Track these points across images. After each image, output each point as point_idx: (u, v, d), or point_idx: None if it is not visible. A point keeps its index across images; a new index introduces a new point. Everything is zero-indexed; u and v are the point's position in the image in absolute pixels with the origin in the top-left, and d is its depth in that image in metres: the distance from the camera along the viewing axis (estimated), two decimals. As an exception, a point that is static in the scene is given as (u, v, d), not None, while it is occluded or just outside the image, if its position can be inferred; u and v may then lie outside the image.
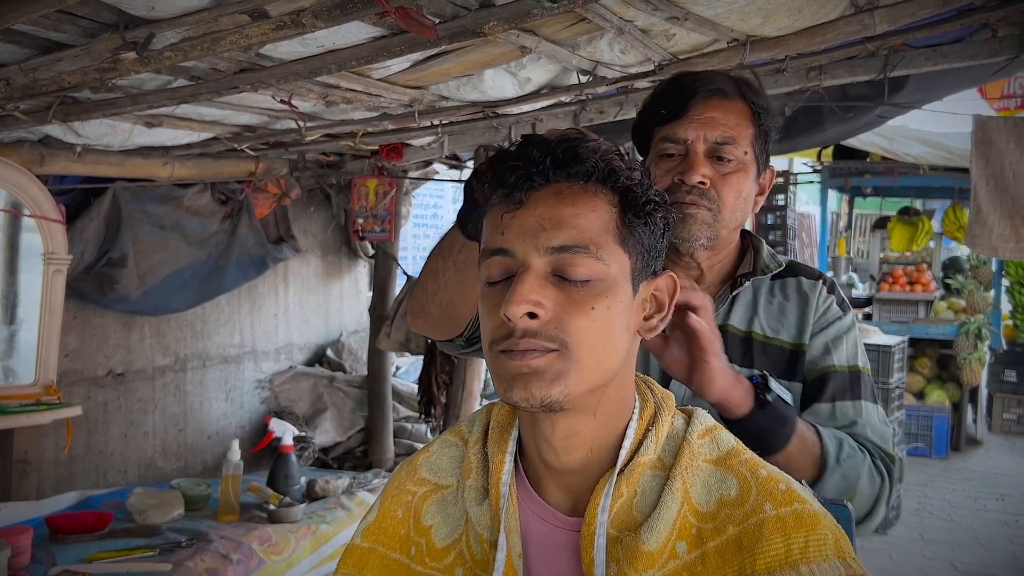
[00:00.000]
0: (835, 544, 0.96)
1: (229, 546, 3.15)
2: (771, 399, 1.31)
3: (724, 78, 1.60)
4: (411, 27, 1.80)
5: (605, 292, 0.99)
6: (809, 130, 3.99)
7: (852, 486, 1.43)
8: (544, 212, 0.98)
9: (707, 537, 0.99)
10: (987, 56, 2.74)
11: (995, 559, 5.51)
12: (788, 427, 1.34)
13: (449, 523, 1.14)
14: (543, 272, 0.98)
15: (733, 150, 1.54)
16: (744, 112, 1.57)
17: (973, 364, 7.85)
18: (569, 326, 0.97)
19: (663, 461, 1.05)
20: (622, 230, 1.00)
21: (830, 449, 1.41)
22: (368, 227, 4.82)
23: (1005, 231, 3.36)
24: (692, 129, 1.55)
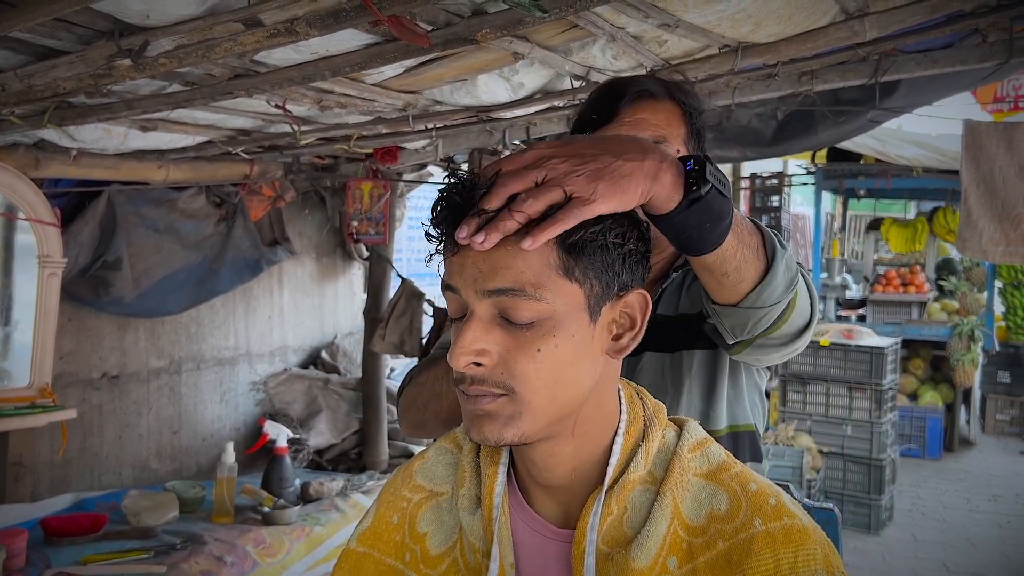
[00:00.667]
0: (824, 559, 0.97)
1: (223, 548, 3.16)
2: (704, 192, 1.02)
3: (653, 80, 1.62)
4: (404, 35, 1.81)
5: (552, 331, 0.96)
6: (802, 133, 4.01)
7: (795, 276, 1.29)
8: (479, 254, 0.94)
9: (697, 552, 0.99)
10: (977, 61, 2.76)
11: (987, 560, 5.54)
12: (723, 224, 1.09)
13: (444, 531, 1.15)
14: (488, 315, 0.96)
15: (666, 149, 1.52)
16: (674, 112, 1.59)
17: (966, 365, 7.88)
18: (516, 371, 0.96)
19: (654, 475, 1.05)
20: (567, 261, 0.95)
21: (771, 234, 1.25)
22: (363, 230, 4.82)
23: (995, 235, 3.37)
24: (623, 130, 1.56)
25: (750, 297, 1.24)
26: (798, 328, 1.37)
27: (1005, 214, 3.35)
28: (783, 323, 1.32)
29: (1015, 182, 3.32)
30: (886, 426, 6.21)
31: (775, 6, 2.18)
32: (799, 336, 1.39)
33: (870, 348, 6.26)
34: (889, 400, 6.29)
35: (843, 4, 2.28)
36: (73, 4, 1.66)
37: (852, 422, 6.24)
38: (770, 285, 1.23)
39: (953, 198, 8.25)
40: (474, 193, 0.93)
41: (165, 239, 4.35)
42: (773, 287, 1.23)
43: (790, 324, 1.33)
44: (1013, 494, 7.00)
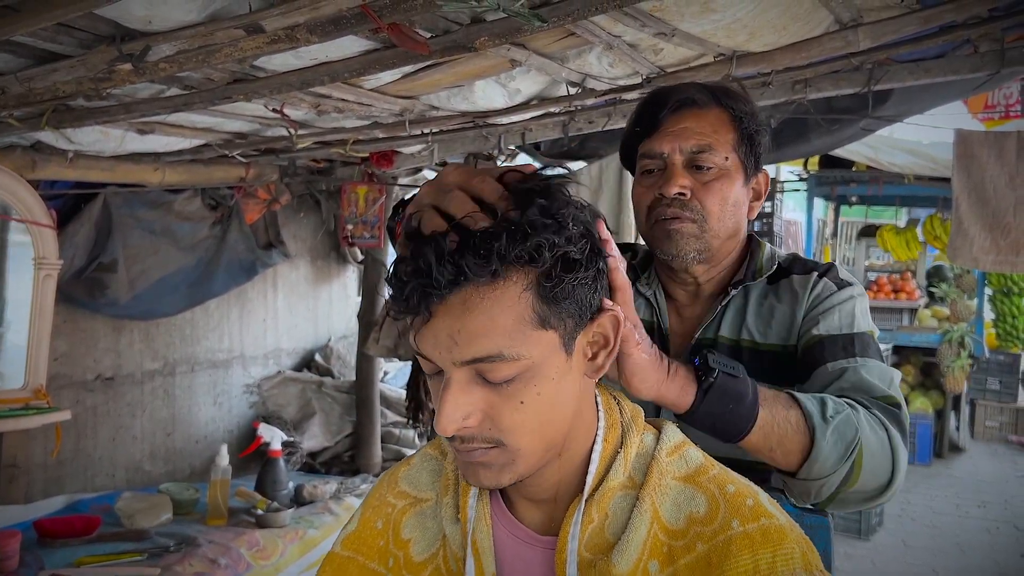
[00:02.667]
0: (802, 557, 0.98)
1: (217, 550, 3.17)
2: (714, 378, 1.11)
3: (697, 88, 1.57)
4: (403, 43, 1.82)
5: (532, 380, 0.96)
6: (795, 141, 4.03)
7: (853, 443, 1.24)
8: (451, 324, 0.92)
9: (678, 555, 1.01)
10: (969, 71, 2.79)
11: (976, 565, 5.57)
12: (746, 402, 1.15)
13: (427, 537, 1.16)
14: (465, 379, 0.95)
15: (711, 157, 1.50)
16: (721, 118, 1.54)
17: (956, 372, 7.91)
18: (502, 425, 0.97)
19: (633, 480, 1.06)
20: (542, 311, 0.94)
21: (811, 410, 1.24)
22: (358, 233, 4.84)
23: (985, 243, 3.40)
24: (666, 141, 1.52)
25: (802, 471, 1.24)
26: (874, 488, 1.30)
27: (996, 222, 3.38)
28: (851, 485, 1.26)
29: (1005, 191, 3.35)
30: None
31: (770, 16, 2.20)
32: (881, 494, 1.31)
33: (861, 354, 6.27)
34: (880, 406, 6.31)
35: (837, 14, 2.30)
36: (77, 9, 1.67)
37: (843, 428, 6.25)
38: (818, 460, 1.21)
39: (944, 205, 8.28)
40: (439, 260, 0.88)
41: (161, 241, 4.36)
42: (822, 461, 1.22)
43: (861, 485, 1.27)
44: (1002, 500, 7.03)
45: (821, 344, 1.46)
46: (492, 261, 0.89)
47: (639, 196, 1.57)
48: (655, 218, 1.53)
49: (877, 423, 1.29)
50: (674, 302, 1.67)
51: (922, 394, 8.33)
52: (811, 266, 1.59)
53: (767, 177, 1.64)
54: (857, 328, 1.47)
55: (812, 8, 2.21)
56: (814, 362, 1.45)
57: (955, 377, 7.94)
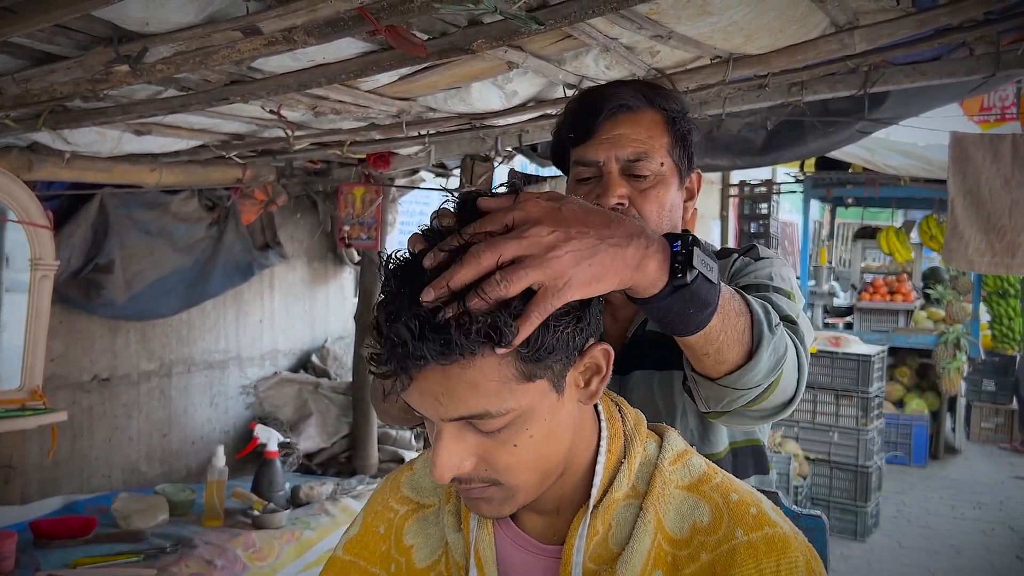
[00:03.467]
0: (806, 565, 0.99)
1: (214, 551, 3.17)
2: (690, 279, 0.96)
3: (630, 90, 1.52)
4: (401, 45, 1.83)
5: (524, 425, 0.95)
6: (791, 143, 4.04)
7: (782, 358, 1.20)
8: (435, 387, 0.90)
9: (682, 564, 1.01)
10: (965, 73, 2.80)
11: (972, 567, 5.59)
12: (707, 311, 1.03)
13: (430, 544, 1.16)
14: (457, 429, 0.95)
15: (648, 165, 1.48)
16: (656, 121, 1.51)
17: (952, 373, 7.93)
18: (498, 467, 0.97)
19: (636, 489, 1.06)
20: (526, 369, 0.91)
21: (762, 317, 1.16)
22: (354, 234, 4.84)
23: (981, 245, 3.41)
24: (602, 150, 1.49)
25: (730, 378, 1.18)
26: (778, 404, 1.29)
27: (991, 225, 3.39)
28: (762, 400, 1.24)
29: (1001, 193, 3.36)
30: (872, 433, 6.24)
31: (766, 19, 2.21)
32: (780, 411, 1.31)
33: (857, 356, 6.30)
34: (875, 407, 6.33)
35: (833, 17, 2.31)
36: (74, 11, 1.67)
37: (839, 429, 6.28)
38: (752, 370, 1.16)
39: (940, 207, 8.31)
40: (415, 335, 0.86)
41: (157, 242, 4.35)
42: (755, 372, 1.17)
43: (770, 401, 1.26)
44: (998, 501, 7.04)
45: None
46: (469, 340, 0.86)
47: None
48: None
49: (791, 340, 1.25)
50: (609, 305, 1.61)
51: (918, 396, 8.34)
52: (732, 250, 1.59)
53: (699, 176, 1.63)
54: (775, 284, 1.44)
55: (808, 11, 2.22)
56: None
57: (951, 379, 7.96)
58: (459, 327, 0.85)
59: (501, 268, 0.87)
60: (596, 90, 1.56)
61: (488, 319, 0.86)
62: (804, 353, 1.32)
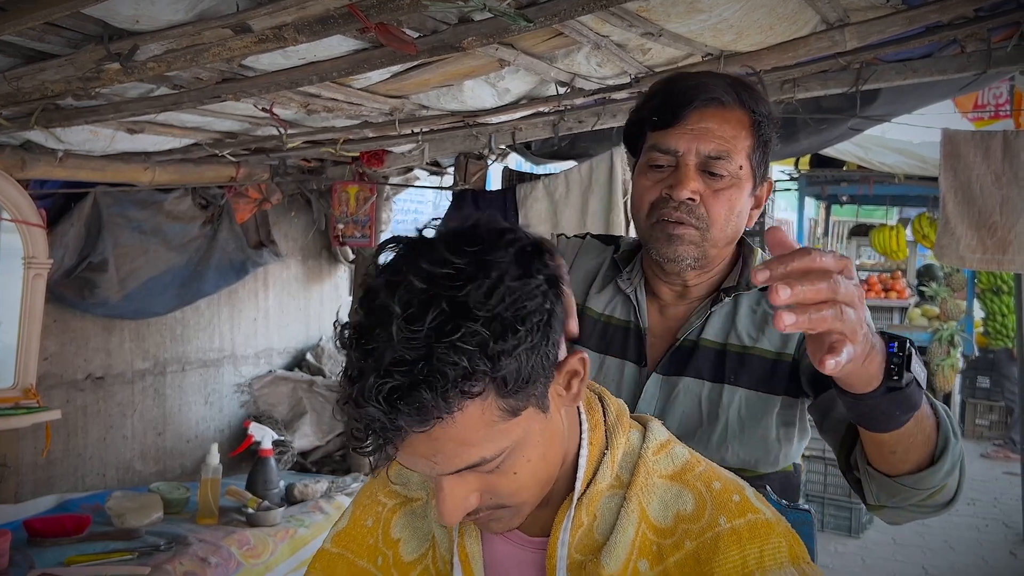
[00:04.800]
0: (789, 550, 0.99)
1: (208, 549, 3.17)
2: (904, 384, 1.00)
3: (723, 84, 1.46)
4: (391, 43, 1.83)
5: (520, 453, 0.96)
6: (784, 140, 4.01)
7: (957, 462, 1.20)
8: (423, 450, 0.90)
9: (667, 553, 1.02)
10: (956, 71, 2.81)
11: (965, 562, 5.60)
12: (911, 413, 1.07)
13: (417, 537, 1.17)
14: (455, 477, 0.94)
15: (727, 165, 1.43)
16: (743, 122, 1.45)
17: (946, 370, 7.96)
18: (502, 495, 0.98)
19: (620, 479, 1.07)
20: (508, 405, 0.90)
21: (946, 420, 1.17)
22: (349, 232, 4.84)
23: (972, 242, 3.42)
24: (684, 140, 1.43)
25: (911, 478, 1.18)
26: (939, 504, 1.26)
27: (982, 221, 3.40)
28: (928, 500, 1.23)
29: (992, 190, 3.38)
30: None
31: (756, 16, 2.22)
32: (938, 510, 1.28)
33: (851, 353, 6.30)
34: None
35: (824, 14, 2.32)
36: (64, 9, 1.68)
37: (833, 426, 6.28)
38: (936, 473, 1.17)
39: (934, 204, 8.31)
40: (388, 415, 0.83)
41: (151, 241, 4.35)
42: (937, 475, 1.17)
43: (934, 501, 1.24)
44: (991, 498, 7.06)
45: None
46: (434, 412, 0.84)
47: (643, 189, 1.49)
48: (658, 217, 1.47)
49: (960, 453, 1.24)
50: (657, 300, 1.60)
51: (912, 392, 8.36)
52: None
53: (771, 185, 1.59)
54: None
55: (798, 8, 2.23)
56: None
57: (945, 376, 7.98)
58: (430, 387, 0.82)
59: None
60: (688, 77, 1.50)
61: (459, 370, 0.83)
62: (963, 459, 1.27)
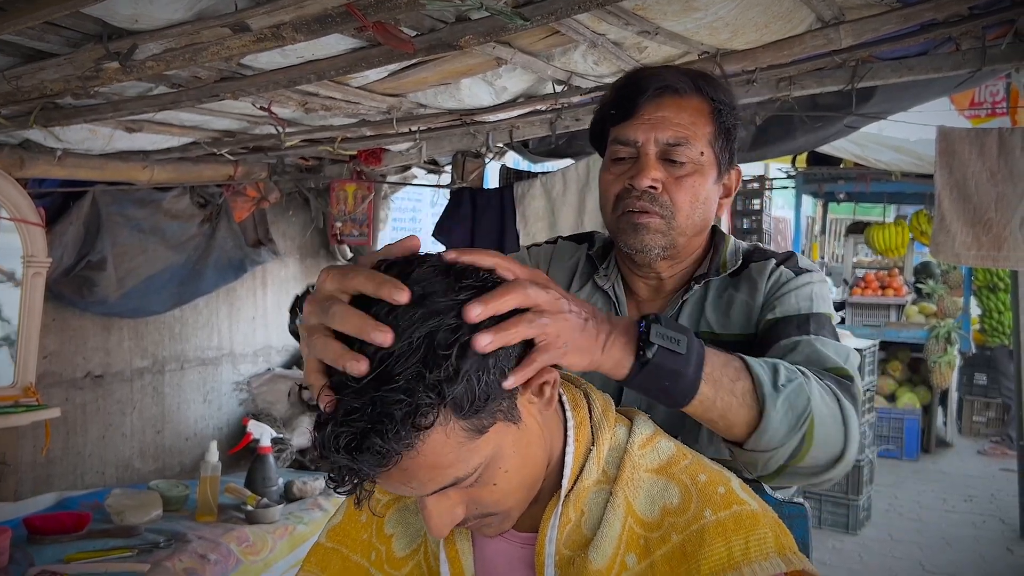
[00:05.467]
0: (775, 540, 1.00)
1: (207, 546, 3.18)
2: (651, 355, 1.02)
3: (678, 74, 1.48)
4: (388, 41, 1.85)
5: (497, 465, 0.97)
6: (781, 138, 4.06)
7: (804, 413, 1.16)
8: (398, 479, 0.91)
9: (654, 546, 1.03)
10: (951, 68, 2.82)
11: (962, 559, 5.62)
12: (684, 380, 1.06)
13: (409, 533, 1.18)
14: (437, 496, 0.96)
15: (687, 151, 1.44)
16: (701, 109, 1.47)
17: (943, 367, 7.97)
18: (486, 504, 0.99)
19: (607, 474, 1.08)
20: (473, 424, 0.91)
21: (763, 378, 1.15)
22: (347, 231, 4.85)
23: (967, 239, 3.44)
24: (642, 130, 1.45)
25: (748, 442, 1.17)
26: (827, 460, 1.22)
27: (977, 218, 3.41)
28: (802, 458, 1.19)
29: (987, 187, 3.39)
30: (864, 427, 6.27)
31: (752, 15, 2.23)
32: (833, 466, 1.23)
33: (848, 350, 6.31)
34: (867, 401, 6.36)
35: (819, 13, 2.33)
36: (64, 8, 1.69)
37: (830, 423, 6.29)
38: (765, 432, 1.14)
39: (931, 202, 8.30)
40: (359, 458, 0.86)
41: (149, 239, 4.36)
42: (771, 432, 1.14)
43: (812, 458, 1.20)
44: (988, 494, 7.08)
45: (776, 325, 1.42)
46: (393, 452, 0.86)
47: (607, 184, 1.52)
48: (622, 209, 1.48)
49: (829, 393, 1.22)
50: (635, 296, 1.61)
51: (910, 390, 8.38)
52: (769, 255, 1.55)
53: (739, 174, 1.60)
54: (815, 309, 1.43)
55: (793, 7, 2.24)
56: (768, 343, 1.40)
57: (942, 373, 8.00)
58: (380, 433, 0.84)
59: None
60: (645, 70, 1.53)
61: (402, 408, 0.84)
62: (854, 402, 1.26)
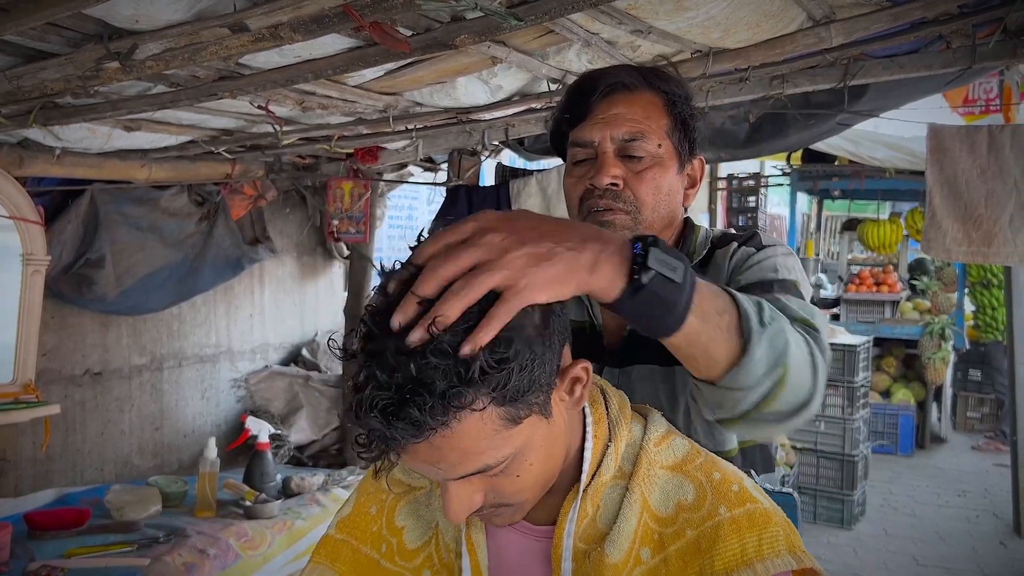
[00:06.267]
0: (786, 539, 1.03)
1: (206, 541, 3.20)
2: (646, 280, 0.96)
3: (628, 70, 1.49)
4: (385, 41, 1.87)
5: (524, 458, 0.98)
6: (774, 136, 4.09)
7: (783, 353, 1.12)
8: (426, 458, 0.92)
9: (668, 541, 1.05)
10: (941, 66, 2.85)
11: (955, 553, 5.66)
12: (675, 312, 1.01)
13: (420, 525, 1.19)
14: (462, 480, 0.97)
15: (644, 145, 1.44)
16: (654, 103, 1.47)
17: (937, 364, 8.00)
18: (505, 495, 1.01)
19: (623, 470, 1.10)
20: (509, 414, 0.92)
21: (749, 312, 1.11)
22: (343, 228, 4.88)
23: (958, 235, 3.48)
24: (596, 129, 1.46)
25: (725, 379, 1.12)
26: (794, 406, 1.18)
27: (968, 215, 3.45)
28: (772, 401, 1.15)
29: (977, 184, 3.43)
30: (858, 423, 6.31)
31: (743, 14, 2.26)
32: (798, 412, 1.20)
33: (842, 346, 6.35)
34: (861, 397, 6.39)
35: (810, 11, 2.36)
36: (66, 9, 1.71)
37: (825, 419, 6.34)
38: (745, 368, 1.10)
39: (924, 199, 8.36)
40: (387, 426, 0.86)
41: (147, 237, 4.39)
42: (750, 369, 1.10)
43: (781, 402, 1.16)
44: (982, 489, 7.13)
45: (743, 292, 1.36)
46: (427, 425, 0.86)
47: (570, 187, 1.52)
48: (587, 209, 1.47)
49: (801, 337, 1.19)
50: None
51: (904, 386, 8.42)
52: (732, 237, 1.54)
53: (703, 163, 1.59)
54: (779, 276, 1.40)
55: (784, 6, 2.27)
56: None
57: (936, 369, 8.03)
58: (417, 404, 0.84)
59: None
60: (594, 72, 1.53)
61: (443, 385, 0.85)
62: (822, 351, 1.23)
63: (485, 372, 0.86)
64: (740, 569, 1.00)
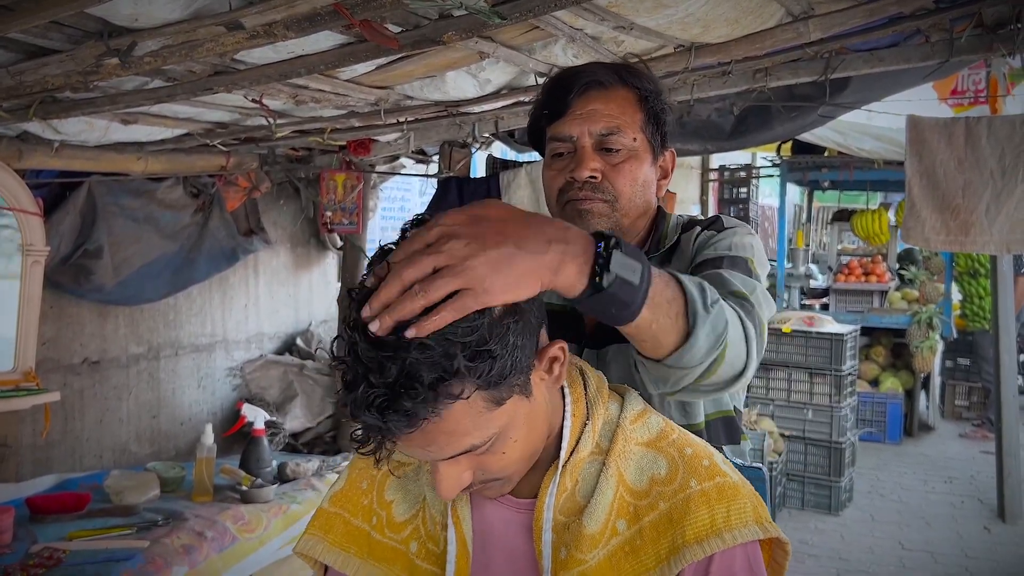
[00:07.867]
0: (753, 511, 1.10)
1: (204, 524, 3.26)
2: (607, 284, 1.01)
3: (603, 68, 1.56)
4: (374, 38, 1.94)
5: (507, 435, 1.04)
6: (759, 128, 4.17)
7: (721, 334, 1.20)
8: (418, 442, 0.97)
9: (643, 513, 1.12)
10: (920, 59, 2.92)
11: (940, 538, 5.75)
12: (631, 309, 1.06)
13: (408, 499, 1.26)
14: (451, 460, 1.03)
15: (620, 139, 1.51)
16: (628, 98, 1.54)
17: (925, 352, 8.06)
18: (492, 471, 1.07)
19: (600, 446, 1.17)
20: (493, 396, 0.98)
21: (695, 297, 1.16)
22: (336, 219, 4.93)
23: (936, 224, 3.55)
24: (575, 125, 1.52)
25: (670, 359, 1.19)
26: (729, 377, 1.28)
27: (945, 204, 3.53)
28: (710, 375, 1.23)
29: (955, 174, 3.51)
30: (846, 410, 6.38)
31: (722, 10, 2.33)
32: (732, 383, 1.29)
33: (830, 335, 6.41)
34: (849, 385, 6.46)
35: (788, 7, 2.43)
36: (68, 8, 1.78)
37: (813, 407, 6.40)
38: (689, 351, 1.17)
39: (908, 189, 8.42)
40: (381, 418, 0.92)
41: (144, 229, 4.45)
42: (693, 352, 1.17)
43: (719, 376, 1.25)
44: (968, 476, 7.21)
45: (695, 269, 1.49)
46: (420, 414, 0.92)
47: (550, 180, 1.59)
48: (567, 199, 1.54)
49: (734, 313, 1.26)
50: None
51: (892, 374, 8.48)
52: (697, 222, 1.61)
53: (673, 156, 1.67)
54: (732, 253, 1.48)
55: (762, 2, 2.34)
56: None
57: (924, 357, 8.09)
58: (411, 396, 0.90)
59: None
60: (570, 69, 1.60)
61: (433, 376, 0.90)
62: (754, 324, 1.31)
63: (469, 363, 0.92)
64: (709, 538, 1.07)
